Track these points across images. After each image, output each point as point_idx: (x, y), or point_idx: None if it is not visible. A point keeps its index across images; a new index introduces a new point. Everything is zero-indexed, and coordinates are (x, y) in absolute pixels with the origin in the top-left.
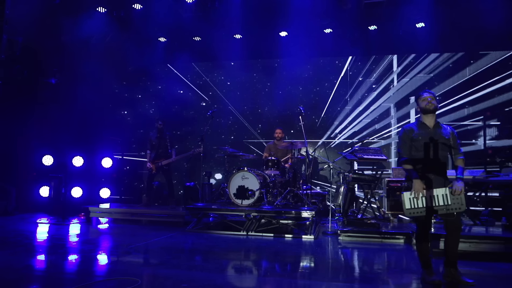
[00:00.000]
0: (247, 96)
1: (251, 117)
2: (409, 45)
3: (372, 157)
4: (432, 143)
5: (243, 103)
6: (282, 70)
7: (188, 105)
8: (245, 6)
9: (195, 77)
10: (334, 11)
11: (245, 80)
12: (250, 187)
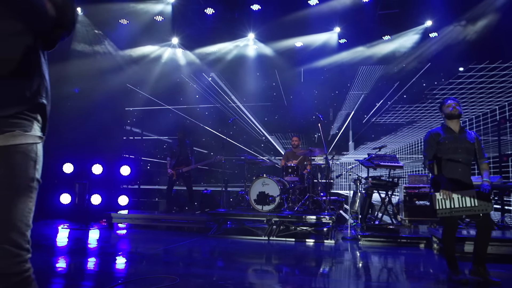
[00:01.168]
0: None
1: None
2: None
3: (388, 164)
4: (458, 146)
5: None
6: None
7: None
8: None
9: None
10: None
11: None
12: (271, 193)
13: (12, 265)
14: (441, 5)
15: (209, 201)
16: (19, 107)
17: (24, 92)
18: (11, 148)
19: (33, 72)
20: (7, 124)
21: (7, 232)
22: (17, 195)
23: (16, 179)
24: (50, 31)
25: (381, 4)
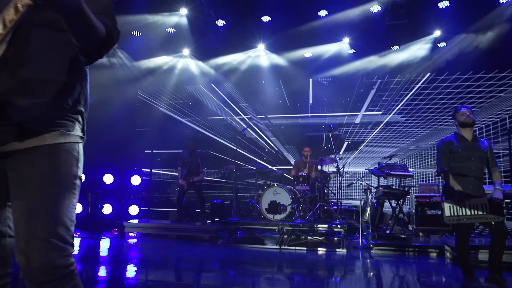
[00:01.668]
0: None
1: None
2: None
3: (399, 173)
4: (471, 155)
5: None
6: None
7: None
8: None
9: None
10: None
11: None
12: (282, 202)
13: (59, 258)
14: (450, 16)
15: (220, 211)
16: (62, 112)
17: (67, 99)
18: (56, 147)
19: (76, 81)
20: (53, 124)
21: (54, 227)
22: (62, 191)
23: (61, 176)
24: (95, 50)
25: (389, 15)
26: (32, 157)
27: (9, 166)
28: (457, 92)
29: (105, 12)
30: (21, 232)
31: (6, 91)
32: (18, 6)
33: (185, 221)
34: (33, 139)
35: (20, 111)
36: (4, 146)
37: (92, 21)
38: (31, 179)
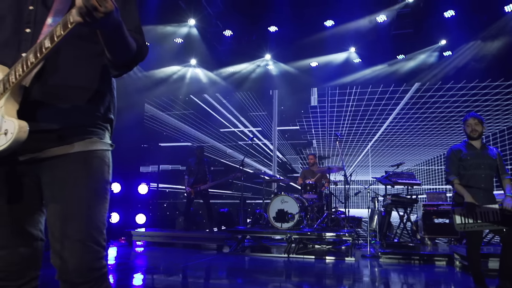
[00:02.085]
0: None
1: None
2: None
3: (406, 181)
4: (481, 162)
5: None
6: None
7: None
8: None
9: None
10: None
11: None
12: (290, 210)
13: (94, 260)
14: (455, 25)
15: (227, 219)
16: (94, 119)
17: (99, 107)
18: (90, 153)
19: (106, 90)
20: (86, 132)
21: (89, 230)
22: (96, 196)
23: (95, 182)
24: (126, 64)
25: (395, 25)
26: (68, 163)
27: (45, 172)
28: (463, 100)
29: (136, 29)
30: (57, 236)
31: (42, 99)
32: (68, 23)
33: (192, 229)
34: (68, 145)
35: (56, 118)
36: (40, 152)
37: (127, 40)
38: (66, 185)
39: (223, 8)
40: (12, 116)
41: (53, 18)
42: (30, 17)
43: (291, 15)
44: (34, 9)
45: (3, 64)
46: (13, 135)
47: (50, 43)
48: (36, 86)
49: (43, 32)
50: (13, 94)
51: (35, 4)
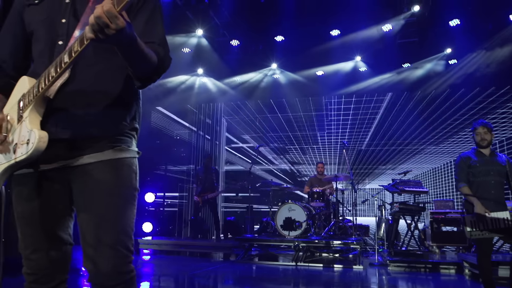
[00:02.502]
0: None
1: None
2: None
3: (413, 189)
4: (490, 169)
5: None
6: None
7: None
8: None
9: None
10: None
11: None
12: (297, 218)
13: (124, 264)
14: (461, 34)
15: (233, 228)
16: (122, 128)
17: (126, 117)
18: (119, 161)
19: (132, 100)
20: (115, 140)
21: (119, 235)
22: (126, 202)
23: (125, 188)
24: (147, 76)
25: (400, 34)
26: (98, 171)
27: (76, 178)
28: (469, 108)
29: (159, 41)
30: (89, 240)
31: (72, 109)
32: (84, 39)
33: (199, 238)
34: (99, 153)
35: (86, 127)
36: (72, 159)
37: (144, 53)
38: (98, 191)
39: (230, 19)
40: (35, 126)
41: (80, 31)
42: (63, 30)
43: (297, 25)
44: (66, 22)
45: (37, 74)
46: (33, 145)
47: (69, 58)
48: (62, 97)
49: (70, 44)
50: (37, 106)
51: (67, 17)
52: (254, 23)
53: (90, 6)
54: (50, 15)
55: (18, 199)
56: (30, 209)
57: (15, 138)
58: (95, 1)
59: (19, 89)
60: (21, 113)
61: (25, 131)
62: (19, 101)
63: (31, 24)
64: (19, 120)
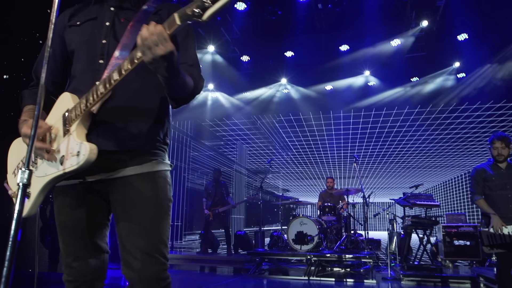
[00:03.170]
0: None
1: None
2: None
3: (424, 203)
4: (506, 182)
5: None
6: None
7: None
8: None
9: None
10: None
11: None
12: (309, 232)
13: (161, 271)
14: (469, 48)
15: (244, 242)
16: (156, 143)
17: (160, 132)
18: (156, 173)
19: (165, 117)
20: (151, 154)
21: (157, 244)
22: (162, 213)
23: (161, 199)
24: (184, 99)
25: (408, 48)
26: (138, 183)
27: (116, 190)
28: (479, 121)
29: (192, 62)
30: (129, 248)
31: (112, 123)
32: (134, 58)
33: (209, 252)
34: (137, 166)
35: (125, 140)
36: (114, 172)
37: (184, 79)
38: (137, 202)
39: (240, 35)
40: (83, 139)
41: (120, 52)
42: (103, 50)
43: (306, 40)
44: (106, 43)
45: (79, 91)
46: (85, 156)
47: (119, 76)
48: (103, 112)
49: (111, 64)
50: (84, 120)
51: (107, 38)
52: (264, 39)
53: (129, 29)
54: (92, 36)
55: (61, 209)
56: (72, 219)
57: (62, 150)
58: (134, 25)
59: (62, 104)
60: (67, 127)
61: (73, 144)
62: (63, 116)
63: (72, 44)
64: (65, 133)
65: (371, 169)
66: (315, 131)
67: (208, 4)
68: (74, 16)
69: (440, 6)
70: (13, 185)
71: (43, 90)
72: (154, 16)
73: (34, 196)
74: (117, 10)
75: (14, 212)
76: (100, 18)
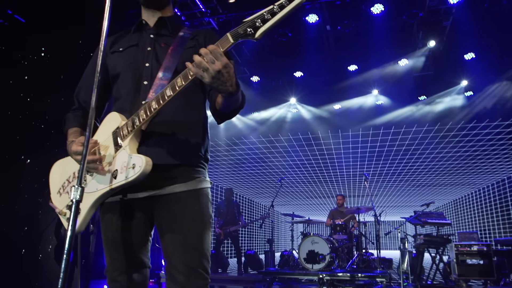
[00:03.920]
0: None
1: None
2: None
3: (436, 221)
4: None
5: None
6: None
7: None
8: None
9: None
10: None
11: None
12: (320, 251)
13: (204, 286)
14: (476, 67)
15: (254, 262)
16: (199, 159)
17: (201, 148)
18: (200, 191)
19: (205, 134)
20: (195, 172)
21: (201, 259)
22: (206, 229)
23: (204, 216)
24: (231, 115)
25: (416, 68)
26: (184, 200)
27: (162, 206)
28: (488, 139)
29: None
30: (175, 263)
31: (158, 139)
32: (188, 75)
33: (220, 272)
34: (183, 184)
35: (171, 155)
36: (161, 189)
37: (241, 100)
38: (183, 219)
39: (250, 56)
40: (136, 153)
41: (163, 73)
42: (147, 72)
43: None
44: (149, 65)
45: (124, 110)
46: (141, 168)
47: (172, 92)
48: (152, 128)
49: (155, 84)
50: (135, 135)
51: (150, 61)
52: (274, 59)
53: (170, 53)
54: (135, 60)
55: (109, 225)
56: (119, 235)
57: (115, 165)
58: (174, 49)
59: (111, 123)
60: (120, 143)
61: (127, 158)
62: (114, 133)
63: (116, 68)
64: (116, 149)
65: (381, 187)
66: (324, 150)
67: (259, 24)
68: (115, 43)
69: (447, 26)
70: (58, 203)
71: (93, 113)
72: (192, 41)
73: (84, 212)
74: (156, 37)
75: (68, 229)
76: (141, 44)
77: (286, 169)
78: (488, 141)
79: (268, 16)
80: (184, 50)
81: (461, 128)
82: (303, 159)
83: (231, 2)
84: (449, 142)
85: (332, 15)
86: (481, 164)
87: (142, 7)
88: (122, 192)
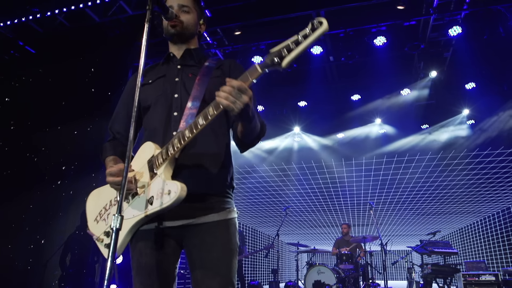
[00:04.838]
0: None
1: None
2: None
3: (442, 250)
4: None
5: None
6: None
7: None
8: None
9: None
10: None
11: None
12: (327, 281)
13: None
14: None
15: None
16: (226, 188)
17: (227, 176)
18: (229, 221)
19: (230, 163)
20: (224, 203)
21: (227, 285)
22: (234, 257)
23: (232, 245)
24: (252, 143)
25: (417, 97)
26: (214, 229)
27: (193, 235)
28: (491, 167)
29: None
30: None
31: (189, 167)
32: (219, 105)
33: None
34: (215, 214)
35: (201, 184)
36: (194, 219)
37: (257, 121)
38: (213, 247)
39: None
40: (171, 180)
41: (192, 103)
42: (177, 103)
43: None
44: (178, 96)
45: (156, 141)
46: (176, 194)
47: (205, 121)
48: (184, 157)
49: (185, 114)
50: (170, 163)
51: (179, 93)
52: (278, 89)
53: (197, 83)
54: (164, 91)
55: (143, 251)
56: (152, 261)
57: (151, 191)
58: (201, 78)
59: (145, 152)
60: (155, 171)
61: (162, 184)
62: (149, 161)
63: (148, 100)
64: (152, 177)
65: (386, 216)
66: (328, 179)
67: (285, 54)
68: (145, 76)
69: (447, 57)
70: (95, 231)
71: (131, 145)
72: (217, 71)
73: (121, 239)
74: (183, 67)
75: (108, 257)
76: (169, 75)
77: (290, 198)
78: (492, 169)
79: (293, 46)
80: (210, 79)
81: (464, 156)
82: (306, 188)
83: (237, 34)
84: (453, 170)
85: (335, 46)
86: (485, 192)
87: (169, 42)
88: (157, 220)
